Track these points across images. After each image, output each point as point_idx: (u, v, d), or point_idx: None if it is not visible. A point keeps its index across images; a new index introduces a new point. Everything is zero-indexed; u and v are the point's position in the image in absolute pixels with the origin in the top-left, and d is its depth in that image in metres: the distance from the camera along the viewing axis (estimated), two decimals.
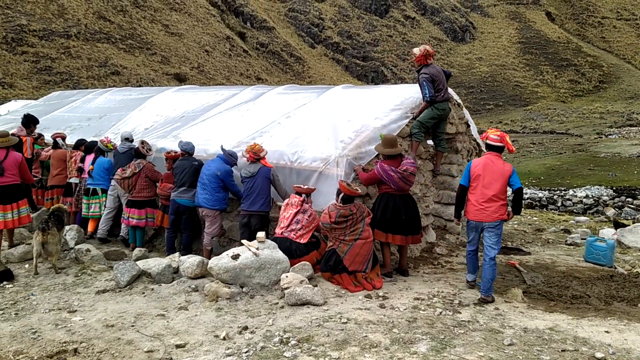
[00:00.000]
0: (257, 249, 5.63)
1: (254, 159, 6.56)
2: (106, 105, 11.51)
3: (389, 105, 7.31)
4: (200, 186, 6.90)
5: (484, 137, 5.86)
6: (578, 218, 14.33)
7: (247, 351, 4.14)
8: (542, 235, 10.14)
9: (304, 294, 5.12)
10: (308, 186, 6.34)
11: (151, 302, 5.27)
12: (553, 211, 20.23)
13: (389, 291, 5.69)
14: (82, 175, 8.50)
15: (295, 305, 5.11)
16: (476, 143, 9.03)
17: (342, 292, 5.57)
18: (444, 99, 7.12)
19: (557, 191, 25.30)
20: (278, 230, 6.21)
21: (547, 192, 24.88)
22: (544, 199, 23.35)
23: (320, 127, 7.23)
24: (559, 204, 22.56)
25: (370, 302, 5.31)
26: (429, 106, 7.03)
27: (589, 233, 10.17)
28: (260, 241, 5.77)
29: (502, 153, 5.76)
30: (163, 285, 5.72)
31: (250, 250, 5.61)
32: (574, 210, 20.92)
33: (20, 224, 6.94)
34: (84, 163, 8.50)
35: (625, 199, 22.61)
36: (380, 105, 7.39)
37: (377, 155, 6.52)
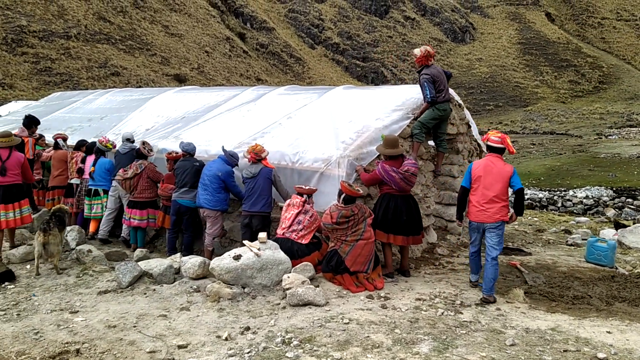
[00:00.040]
0: (259, 250, 5.63)
1: (256, 160, 6.56)
2: (107, 106, 11.52)
3: (390, 105, 7.31)
4: (202, 187, 6.90)
5: (485, 139, 5.89)
6: (578, 219, 14.31)
7: (250, 352, 4.14)
8: (543, 236, 10.13)
9: (305, 294, 5.12)
10: (309, 187, 6.34)
11: (153, 303, 5.27)
12: (553, 212, 20.22)
13: (390, 292, 5.70)
14: (83, 176, 8.51)
15: (297, 306, 5.11)
16: (477, 144, 9.03)
17: (344, 293, 5.57)
18: (445, 100, 7.13)
19: (557, 192, 25.32)
20: (279, 231, 6.21)
21: (547, 193, 24.89)
22: (544, 199, 23.36)
23: (321, 128, 7.23)
24: (559, 205, 22.58)
25: (372, 303, 5.31)
26: (430, 107, 7.04)
27: (589, 234, 10.15)
28: (261, 242, 5.77)
29: (503, 154, 5.79)
30: (164, 285, 5.72)
31: (252, 250, 5.62)
32: (574, 211, 20.93)
33: (23, 223, 6.99)
34: (85, 164, 8.50)
35: (625, 200, 22.62)
36: (381, 106, 7.40)
37: (379, 155, 6.52)
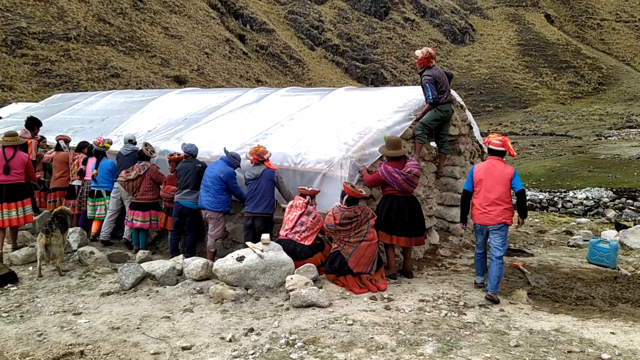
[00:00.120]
0: (262, 251, 5.63)
1: (258, 161, 6.56)
2: (108, 108, 11.52)
3: (392, 107, 7.32)
4: (204, 188, 6.90)
5: (486, 142, 5.96)
6: (579, 220, 14.31)
7: (254, 353, 4.14)
8: (544, 237, 10.14)
9: (309, 295, 5.11)
10: (312, 188, 6.34)
11: (156, 304, 5.27)
12: (553, 213, 20.22)
13: (393, 293, 5.69)
14: (85, 178, 8.50)
15: (301, 307, 5.10)
16: (479, 145, 9.04)
17: (347, 294, 5.57)
18: (447, 101, 7.15)
19: (558, 193, 25.32)
20: (282, 232, 6.21)
21: (548, 194, 24.89)
22: (544, 200, 23.37)
23: (323, 129, 7.23)
24: (560, 206, 22.59)
25: (375, 304, 5.31)
26: (432, 108, 7.05)
27: (591, 235, 10.16)
28: (264, 243, 5.77)
29: (504, 157, 5.84)
30: (167, 287, 5.71)
31: (255, 252, 5.61)
32: (575, 212, 20.94)
33: (25, 222, 7.06)
34: (86, 165, 8.50)
35: (625, 201, 22.62)
36: (383, 107, 7.41)
37: (381, 157, 6.53)
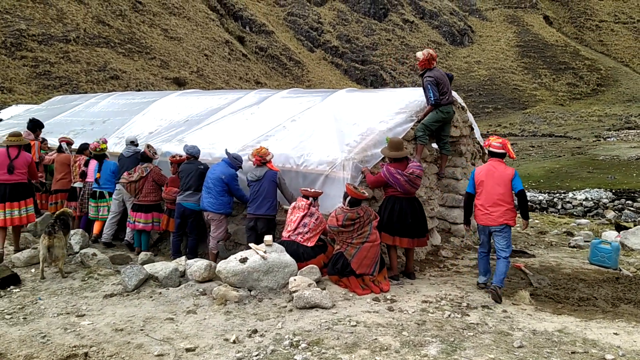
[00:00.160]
0: (265, 253, 5.63)
1: (260, 163, 6.57)
2: (109, 110, 11.52)
3: (394, 108, 7.34)
4: (205, 190, 6.90)
5: (486, 145, 6.09)
6: (579, 221, 14.32)
7: (258, 354, 4.14)
8: (545, 238, 10.15)
9: (312, 297, 5.12)
10: (315, 189, 6.35)
11: (159, 306, 5.27)
12: (553, 214, 20.23)
13: (396, 294, 5.70)
14: (86, 179, 8.50)
15: (304, 309, 5.11)
16: (480, 146, 9.05)
17: (350, 295, 5.57)
18: (448, 102, 7.16)
19: (557, 194, 25.33)
20: (285, 234, 6.22)
21: (547, 195, 24.91)
22: (544, 201, 23.38)
23: (325, 131, 7.24)
24: (559, 207, 22.60)
25: (378, 305, 5.31)
26: (433, 109, 7.06)
27: (591, 235, 10.18)
28: (267, 244, 5.78)
29: (504, 159, 5.95)
30: (170, 289, 5.72)
31: (258, 253, 5.62)
32: (574, 213, 20.96)
33: (27, 222, 7.14)
34: (88, 167, 8.49)
35: (624, 202, 22.63)
36: (385, 108, 7.42)
37: (383, 158, 6.54)
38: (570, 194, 24.74)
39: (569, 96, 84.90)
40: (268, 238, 5.85)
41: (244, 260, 5.54)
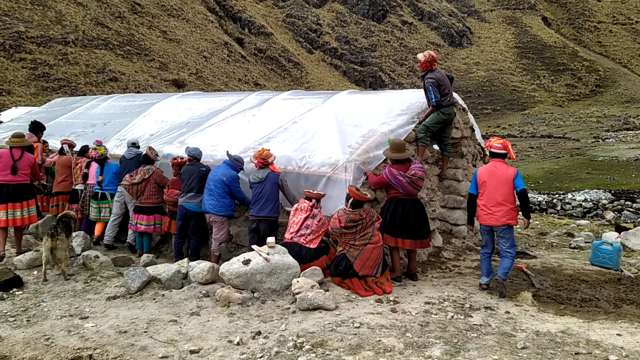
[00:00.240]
0: (268, 254, 5.64)
1: (262, 165, 6.57)
2: (110, 112, 11.52)
3: (396, 110, 7.35)
4: (207, 192, 6.91)
5: (487, 146, 6.19)
6: (579, 221, 14.33)
7: (262, 356, 4.15)
8: (546, 239, 10.17)
9: (315, 298, 5.12)
10: (318, 191, 6.36)
11: (163, 308, 5.27)
12: (553, 215, 20.25)
13: (399, 295, 5.71)
14: (88, 182, 8.50)
15: (307, 310, 5.11)
16: (481, 147, 9.07)
17: (353, 297, 5.58)
18: (449, 104, 7.17)
19: (556, 195, 25.36)
20: (287, 235, 6.22)
21: (546, 196, 24.93)
22: (543, 202, 23.40)
23: (327, 132, 7.25)
24: (559, 208, 22.61)
25: (381, 307, 5.32)
26: (435, 110, 7.07)
27: (592, 236, 10.20)
28: (270, 246, 5.78)
29: (505, 159, 6.05)
30: (173, 291, 5.72)
31: (260, 255, 5.62)
32: (574, 214, 20.96)
33: (29, 223, 7.22)
34: (89, 169, 8.49)
35: (624, 203, 22.65)
36: (386, 110, 7.43)
37: (385, 159, 6.55)
38: (569, 195, 24.76)
39: (568, 97, 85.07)
40: (271, 240, 5.86)
41: (247, 262, 5.55)
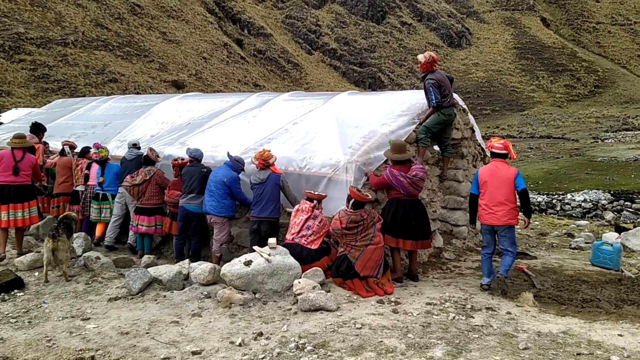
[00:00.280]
0: (269, 255, 5.64)
1: (263, 166, 6.57)
2: (110, 113, 11.52)
3: (396, 111, 7.35)
4: (208, 193, 6.91)
5: (488, 147, 6.24)
6: (578, 222, 14.34)
7: (264, 357, 4.15)
8: (546, 240, 10.18)
9: (317, 299, 5.12)
10: (319, 192, 6.36)
11: (164, 309, 5.27)
12: (552, 215, 20.28)
13: (400, 296, 5.71)
14: (88, 183, 8.50)
15: (309, 311, 5.11)
16: (481, 148, 9.08)
17: (354, 298, 5.58)
18: (449, 104, 7.18)
19: (556, 195, 25.38)
20: (289, 236, 6.22)
21: (546, 197, 24.95)
22: (542, 203, 23.43)
23: (328, 133, 7.26)
24: (558, 208, 22.64)
25: (383, 308, 5.32)
26: (435, 111, 7.08)
27: (592, 237, 10.21)
28: (271, 247, 5.78)
29: (506, 159, 6.13)
30: (175, 292, 5.71)
31: (262, 256, 5.62)
32: (573, 215, 20.99)
33: (31, 224, 7.23)
34: (90, 170, 8.49)
35: (623, 203, 22.68)
36: (387, 111, 7.44)
37: (386, 160, 6.56)
38: (568, 196, 24.78)
39: (567, 98, 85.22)
40: (272, 241, 5.86)
41: (248, 263, 5.55)
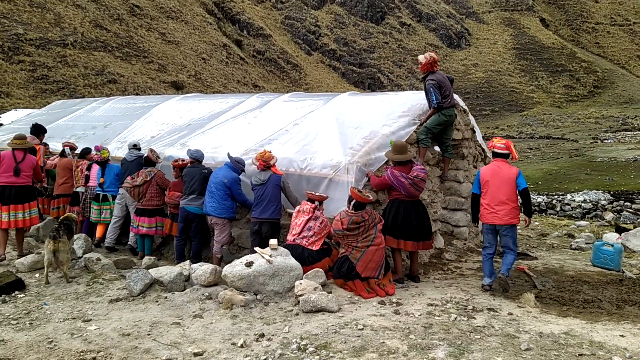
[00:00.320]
0: (270, 256, 5.63)
1: (264, 167, 6.57)
2: (111, 114, 11.52)
3: (397, 112, 7.35)
4: (208, 194, 6.91)
5: (490, 147, 6.26)
6: (578, 222, 14.34)
7: (266, 358, 4.14)
8: (547, 240, 10.18)
9: (318, 300, 5.12)
10: (320, 194, 6.35)
11: (165, 311, 5.26)
12: (552, 216, 20.28)
13: (402, 297, 5.71)
14: (89, 184, 8.49)
15: (310, 312, 5.11)
16: (482, 149, 9.08)
17: (356, 299, 5.57)
18: (450, 105, 7.18)
19: (556, 196, 25.37)
20: (290, 237, 6.22)
21: (546, 197, 24.95)
22: (542, 203, 23.42)
23: (328, 134, 7.26)
24: (558, 209, 22.64)
25: (384, 309, 5.31)
26: (436, 112, 7.09)
27: (592, 238, 10.21)
28: (272, 248, 5.78)
29: (508, 159, 6.16)
30: (176, 293, 5.70)
31: (263, 257, 5.62)
32: (573, 215, 20.99)
33: (31, 224, 7.22)
34: (90, 171, 8.49)
35: (623, 203, 22.68)
36: (387, 112, 7.43)
37: (387, 161, 6.56)
38: (568, 196, 24.78)
39: (566, 98, 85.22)
40: (273, 242, 5.85)
41: (249, 264, 5.54)
